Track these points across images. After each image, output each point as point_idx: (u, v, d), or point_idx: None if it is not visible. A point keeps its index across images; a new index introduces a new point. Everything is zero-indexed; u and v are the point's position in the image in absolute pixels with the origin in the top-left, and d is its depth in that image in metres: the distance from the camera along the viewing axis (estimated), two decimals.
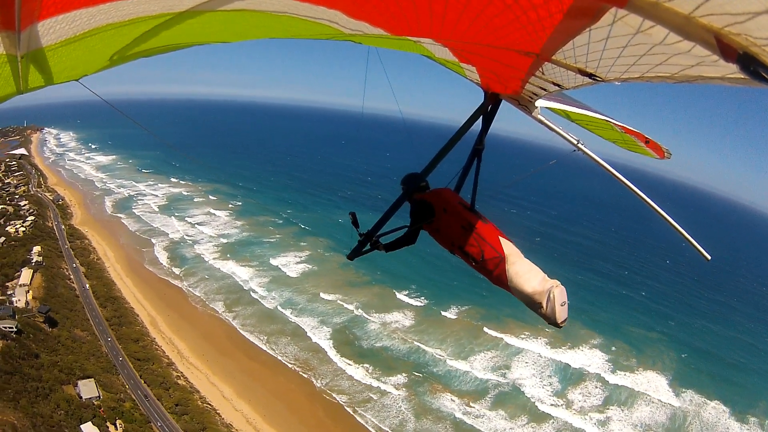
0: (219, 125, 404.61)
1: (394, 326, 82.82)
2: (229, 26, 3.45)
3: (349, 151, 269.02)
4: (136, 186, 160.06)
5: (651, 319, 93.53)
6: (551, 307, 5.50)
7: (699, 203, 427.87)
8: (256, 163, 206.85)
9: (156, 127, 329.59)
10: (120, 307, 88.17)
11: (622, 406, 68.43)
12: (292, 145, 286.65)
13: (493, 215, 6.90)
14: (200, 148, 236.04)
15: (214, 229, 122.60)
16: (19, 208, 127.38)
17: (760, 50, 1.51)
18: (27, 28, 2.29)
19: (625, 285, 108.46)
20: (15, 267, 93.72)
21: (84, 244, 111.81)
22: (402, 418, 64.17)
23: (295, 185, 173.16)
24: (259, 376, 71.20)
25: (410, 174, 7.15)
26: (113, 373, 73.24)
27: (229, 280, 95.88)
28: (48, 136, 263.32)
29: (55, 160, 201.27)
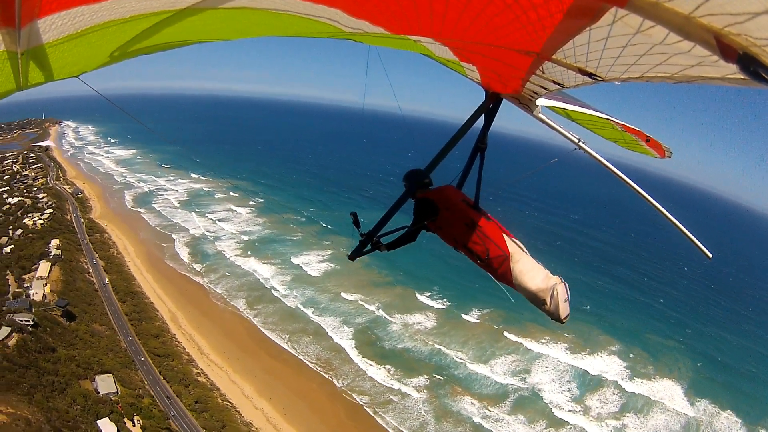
0: (240, 121, 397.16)
1: (415, 328, 79.75)
2: (229, 24, 3.30)
3: (370, 151, 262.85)
4: (157, 181, 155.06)
5: (668, 326, 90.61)
6: (555, 304, 5.32)
7: (702, 204, 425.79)
8: (278, 160, 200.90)
9: (176, 123, 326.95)
10: (140, 302, 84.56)
11: (638, 414, 66.06)
12: (313, 142, 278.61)
13: (501, 214, 6.75)
14: (220, 145, 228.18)
15: (235, 225, 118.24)
16: (38, 200, 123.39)
17: (760, 50, 1.47)
18: (27, 25, 2.19)
19: (643, 291, 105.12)
20: (32, 260, 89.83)
21: (103, 238, 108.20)
22: (422, 420, 61.69)
23: (316, 183, 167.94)
24: (281, 374, 68.44)
25: (412, 170, 6.74)
26: (132, 368, 70.18)
27: (250, 278, 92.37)
28: (67, 129, 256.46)
29: (74, 153, 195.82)
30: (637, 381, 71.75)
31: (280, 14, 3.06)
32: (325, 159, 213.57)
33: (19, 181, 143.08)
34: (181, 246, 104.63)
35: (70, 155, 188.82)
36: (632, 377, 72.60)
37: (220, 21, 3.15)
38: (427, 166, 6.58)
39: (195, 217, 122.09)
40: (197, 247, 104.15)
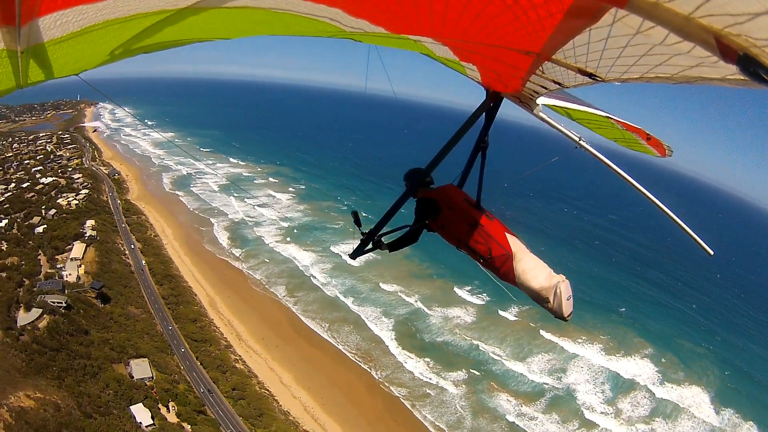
0: (279, 107, 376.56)
1: (455, 322, 73.24)
2: (230, 23, 3.08)
3: (411, 141, 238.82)
4: (195, 164, 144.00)
5: (699, 333, 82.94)
6: (558, 302, 4.81)
7: (709, 199, 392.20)
8: (317, 148, 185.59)
9: (215, 108, 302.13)
10: (177, 285, 77.64)
11: (666, 419, 60.47)
12: (352, 131, 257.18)
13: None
14: (258, 130, 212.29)
15: (275, 211, 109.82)
16: (72, 180, 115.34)
17: (761, 51, 1.38)
18: (27, 23, 2.04)
19: (677, 296, 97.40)
20: (66, 240, 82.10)
21: (141, 219, 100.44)
22: (459, 415, 56.36)
23: (357, 172, 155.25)
24: (320, 364, 62.67)
25: (413, 169, 6.12)
26: (168, 353, 63.59)
27: (290, 265, 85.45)
28: (102, 110, 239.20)
29: (111, 134, 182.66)
30: (667, 386, 66.21)
31: (281, 13, 2.80)
32: (365, 148, 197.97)
33: (53, 161, 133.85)
34: (220, 230, 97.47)
35: (107, 136, 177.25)
36: (663, 382, 66.96)
37: (221, 20, 2.90)
38: (428, 165, 5.83)
39: (234, 201, 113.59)
40: (237, 232, 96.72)
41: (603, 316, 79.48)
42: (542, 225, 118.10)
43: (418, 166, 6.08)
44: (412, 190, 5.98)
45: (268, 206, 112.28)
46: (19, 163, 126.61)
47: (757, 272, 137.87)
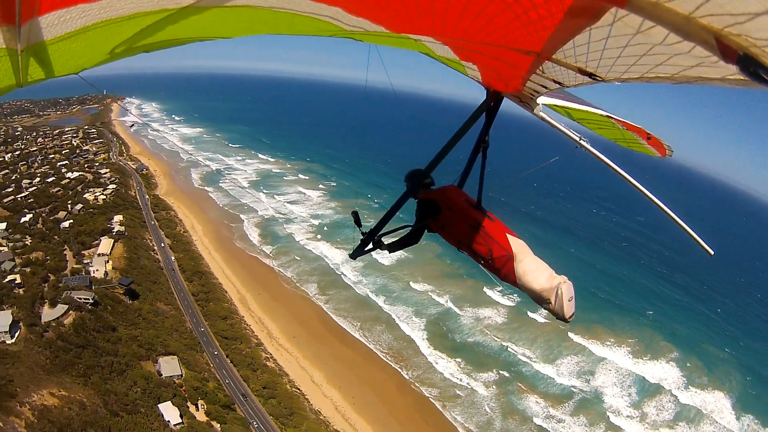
0: (308, 103, 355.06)
1: (486, 322, 68.37)
2: (230, 22, 2.87)
3: (441, 139, 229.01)
4: (224, 160, 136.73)
5: (723, 337, 77.33)
6: (559, 303, 4.29)
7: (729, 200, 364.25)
8: (348, 145, 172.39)
9: (243, 103, 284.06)
10: (207, 282, 72.27)
11: (689, 424, 56.45)
12: (384, 128, 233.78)
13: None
14: (288, 126, 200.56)
15: (306, 208, 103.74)
16: (99, 175, 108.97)
17: (761, 51, 1.29)
18: (27, 22, 1.93)
19: (702, 300, 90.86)
20: (93, 235, 76.02)
21: (170, 215, 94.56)
22: (489, 417, 52.66)
23: (388, 171, 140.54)
24: (351, 363, 58.57)
25: (414, 170, 5.57)
26: (197, 350, 58.79)
27: (321, 263, 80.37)
28: (129, 105, 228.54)
29: (138, 129, 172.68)
30: (691, 390, 61.99)
31: (282, 12, 2.59)
32: (397, 146, 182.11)
33: (79, 155, 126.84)
34: (250, 227, 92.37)
35: (134, 131, 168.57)
36: (688, 386, 62.71)
37: (222, 19, 2.70)
38: (427, 165, 5.30)
39: (264, 198, 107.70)
40: (267, 229, 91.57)
41: (631, 318, 76.19)
42: (571, 225, 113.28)
43: (419, 167, 5.54)
44: (412, 192, 5.44)
45: (299, 203, 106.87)
46: (43, 157, 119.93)
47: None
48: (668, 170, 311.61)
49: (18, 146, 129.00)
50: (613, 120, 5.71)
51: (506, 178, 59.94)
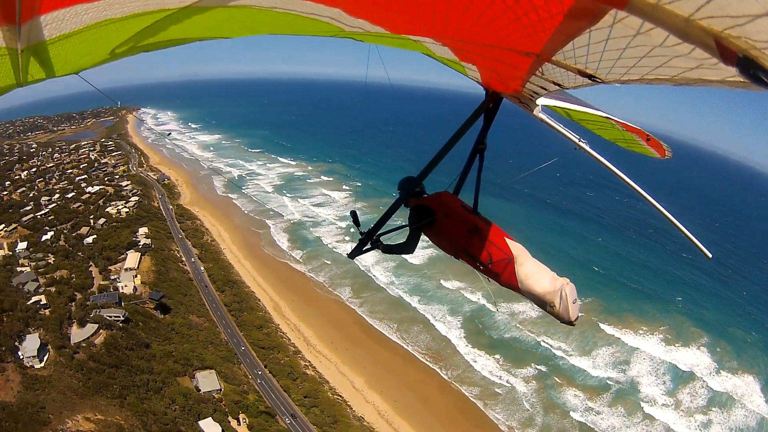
0: (323, 104, 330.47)
1: (520, 317, 63.86)
2: (230, 22, 2.74)
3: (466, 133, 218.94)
4: (246, 165, 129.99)
5: (749, 321, 72.05)
6: (564, 306, 3.93)
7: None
8: (369, 143, 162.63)
9: (260, 107, 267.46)
10: (240, 291, 67.38)
11: (722, 409, 53.29)
12: (403, 124, 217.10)
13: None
14: (306, 128, 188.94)
15: (333, 210, 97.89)
16: (121, 188, 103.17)
17: (760, 53, 1.20)
18: (27, 21, 1.82)
19: (728, 285, 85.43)
20: (119, 250, 70.47)
21: (196, 224, 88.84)
22: (530, 413, 49.21)
23: (412, 168, 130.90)
24: (390, 366, 54.41)
25: (406, 178, 5.33)
26: (234, 362, 54.41)
27: (352, 266, 74.32)
28: (145, 116, 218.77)
29: (155, 139, 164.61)
30: (723, 375, 59.04)
31: (281, 13, 2.45)
32: (418, 141, 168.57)
33: (97, 169, 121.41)
34: (278, 232, 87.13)
35: (151, 141, 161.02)
36: (719, 371, 59.69)
37: (222, 19, 2.57)
38: (420, 173, 5.00)
39: (290, 202, 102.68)
40: (296, 234, 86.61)
41: (660, 306, 72.79)
42: (596, 214, 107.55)
43: (411, 175, 5.27)
44: (404, 200, 5.16)
45: (325, 205, 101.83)
46: (61, 173, 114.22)
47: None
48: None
49: (34, 163, 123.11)
50: (613, 121, 5.29)
51: (503, 180, 53.10)
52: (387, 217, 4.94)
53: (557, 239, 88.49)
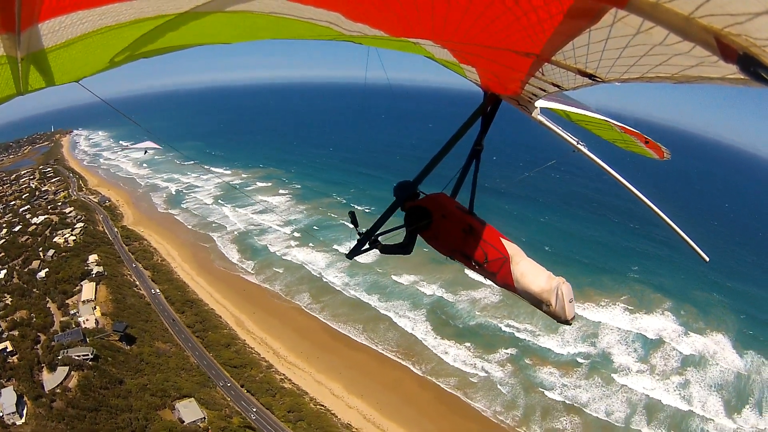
0: (248, 109, 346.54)
1: (482, 303, 70.00)
2: (229, 27, 2.98)
3: (391, 125, 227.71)
4: (181, 179, 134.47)
5: (709, 283, 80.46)
6: (560, 305, 4.35)
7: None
8: (299, 145, 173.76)
9: (185, 118, 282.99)
10: (200, 310, 70.56)
11: (697, 368, 60.82)
12: (329, 123, 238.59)
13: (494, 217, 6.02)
14: (235, 135, 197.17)
15: (276, 216, 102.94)
16: (65, 215, 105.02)
17: (760, 51, 1.32)
18: (27, 29, 2.00)
19: (680, 251, 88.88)
20: (73, 281, 73.12)
21: (143, 245, 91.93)
22: (512, 395, 54.79)
23: (345, 166, 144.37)
24: (365, 368, 58.93)
25: (402, 182, 5.86)
26: (210, 386, 57.56)
27: (305, 271, 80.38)
28: (78, 138, 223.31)
29: (91, 160, 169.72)
30: (692, 336, 66.24)
31: (280, 18, 2.67)
32: (347, 139, 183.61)
33: (39, 197, 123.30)
34: (225, 245, 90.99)
35: (87, 164, 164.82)
36: (687, 333, 66.89)
37: (221, 25, 2.79)
38: (416, 176, 5.62)
39: (231, 212, 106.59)
40: (243, 244, 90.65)
41: (617, 277, 78.78)
42: (537, 194, 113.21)
43: (407, 179, 5.79)
44: (400, 204, 5.66)
45: (268, 212, 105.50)
46: (5, 205, 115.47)
47: (753, 217, 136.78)
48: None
49: None
50: (612, 124, 5.79)
51: (500, 182, 61.54)
52: (384, 218, 5.53)
53: (502, 222, 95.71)
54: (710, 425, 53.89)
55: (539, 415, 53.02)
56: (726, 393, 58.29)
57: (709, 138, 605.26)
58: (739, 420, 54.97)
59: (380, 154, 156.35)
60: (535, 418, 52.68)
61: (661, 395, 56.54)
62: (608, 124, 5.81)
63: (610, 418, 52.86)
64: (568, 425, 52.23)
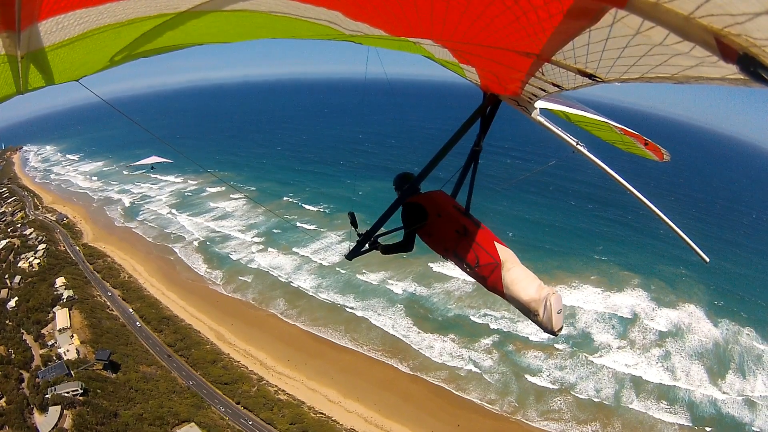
0: (191, 112, 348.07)
1: (457, 295, 73.08)
2: (229, 27, 3.07)
3: (333, 120, 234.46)
4: (133, 190, 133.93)
5: (672, 258, 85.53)
6: (548, 315, 4.50)
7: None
8: (248, 146, 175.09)
9: (142, 122, 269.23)
10: (178, 327, 70.74)
11: (675, 339, 65.92)
12: (274, 122, 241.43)
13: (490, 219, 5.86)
14: (183, 140, 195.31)
15: (236, 221, 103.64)
16: (26, 237, 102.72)
17: (760, 51, 1.37)
18: (27, 28, 2.06)
19: (639, 229, 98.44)
20: (45, 309, 72.03)
21: (107, 262, 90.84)
22: (503, 382, 58.52)
23: (296, 165, 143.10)
24: (355, 370, 60.75)
25: (403, 175, 6.18)
26: (206, 407, 57.67)
27: (273, 277, 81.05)
28: (28, 154, 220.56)
29: (43, 176, 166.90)
30: (665, 310, 71.28)
31: (280, 17, 2.76)
32: (294, 137, 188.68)
33: None
34: (190, 255, 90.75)
35: (39, 180, 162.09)
36: (660, 307, 71.87)
37: (220, 24, 2.87)
38: (418, 174, 5.72)
39: (190, 221, 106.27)
40: (207, 253, 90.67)
41: (585, 258, 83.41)
42: (490, 182, 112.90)
43: (406, 171, 6.07)
44: (403, 200, 5.75)
45: (226, 217, 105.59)
46: None
47: (708, 191, 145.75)
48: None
49: None
50: (611, 125, 5.99)
51: (499, 183, 65.46)
52: (386, 218, 5.70)
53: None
54: (697, 393, 57.38)
55: (533, 399, 55.66)
56: (707, 361, 61.95)
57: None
58: (724, 386, 58.59)
59: (327, 150, 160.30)
60: (529, 402, 55.29)
61: (644, 369, 59.85)
62: (608, 125, 6.04)
63: (600, 396, 55.87)
64: (562, 406, 54.98)
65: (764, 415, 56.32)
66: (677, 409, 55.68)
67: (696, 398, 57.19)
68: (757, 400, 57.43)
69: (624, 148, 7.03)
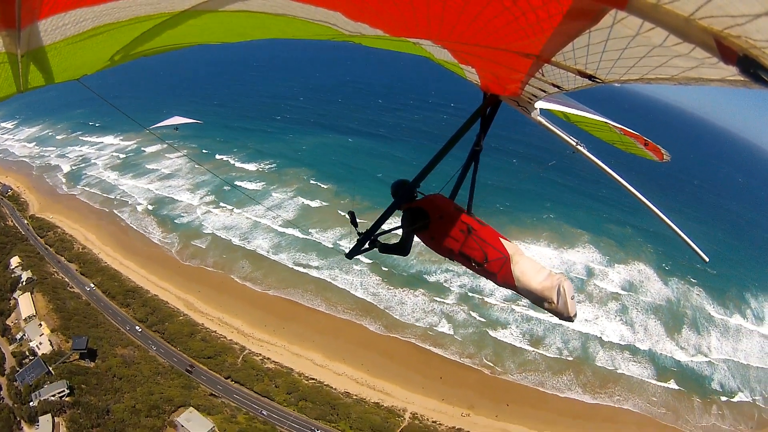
0: (127, 68, 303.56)
1: (415, 250, 71.11)
2: (228, 27, 3.17)
3: (266, 75, 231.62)
4: (70, 155, 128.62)
5: (618, 217, 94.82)
6: (563, 302, 4.66)
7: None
8: (190, 100, 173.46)
9: (66, 85, 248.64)
10: (146, 300, 68.30)
11: (629, 292, 71.28)
12: (213, 75, 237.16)
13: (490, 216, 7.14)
14: (122, 99, 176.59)
15: (182, 180, 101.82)
16: None
17: (760, 52, 1.40)
18: (27, 26, 2.08)
19: (585, 193, 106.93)
20: (4, 297, 67.55)
21: (58, 234, 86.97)
22: (478, 335, 64.08)
23: (235, 117, 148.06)
24: (333, 331, 62.93)
25: (400, 182, 6.18)
26: (193, 386, 56.76)
27: (231, 238, 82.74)
28: None
29: None
30: (617, 267, 77.26)
31: (279, 17, 2.84)
32: (231, 91, 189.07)
33: None
34: (142, 218, 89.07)
35: None
36: (612, 264, 77.64)
37: (220, 24, 2.97)
38: (414, 178, 5.80)
39: (135, 182, 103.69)
40: (158, 216, 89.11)
41: (535, 216, 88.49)
42: (433, 143, 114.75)
43: (403, 179, 6.18)
44: (398, 206, 5.96)
45: (172, 177, 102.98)
46: None
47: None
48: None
49: None
50: (611, 125, 6.03)
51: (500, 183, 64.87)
52: (383, 219, 5.88)
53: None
54: (658, 345, 64.37)
55: (509, 351, 60.45)
56: (662, 316, 67.90)
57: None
58: (680, 340, 65.37)
59: (267, 106, 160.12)
60: (506, 354, 59.89)
61: (605, 323, 65.34)
62: (607, 125, 6.08)
63: (568, 348, 61.99)
64: (537, 357, 60.22)
65: (722, 370, 63.26)
66: (640, 359, 62.54)
67: (656, 348, 63.86)
68: (713, 357, 64.66)
69: (624, 149, 7.14)
